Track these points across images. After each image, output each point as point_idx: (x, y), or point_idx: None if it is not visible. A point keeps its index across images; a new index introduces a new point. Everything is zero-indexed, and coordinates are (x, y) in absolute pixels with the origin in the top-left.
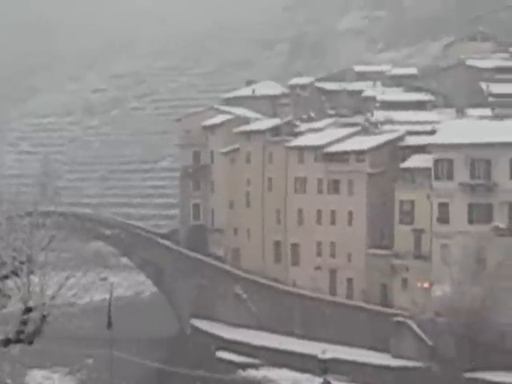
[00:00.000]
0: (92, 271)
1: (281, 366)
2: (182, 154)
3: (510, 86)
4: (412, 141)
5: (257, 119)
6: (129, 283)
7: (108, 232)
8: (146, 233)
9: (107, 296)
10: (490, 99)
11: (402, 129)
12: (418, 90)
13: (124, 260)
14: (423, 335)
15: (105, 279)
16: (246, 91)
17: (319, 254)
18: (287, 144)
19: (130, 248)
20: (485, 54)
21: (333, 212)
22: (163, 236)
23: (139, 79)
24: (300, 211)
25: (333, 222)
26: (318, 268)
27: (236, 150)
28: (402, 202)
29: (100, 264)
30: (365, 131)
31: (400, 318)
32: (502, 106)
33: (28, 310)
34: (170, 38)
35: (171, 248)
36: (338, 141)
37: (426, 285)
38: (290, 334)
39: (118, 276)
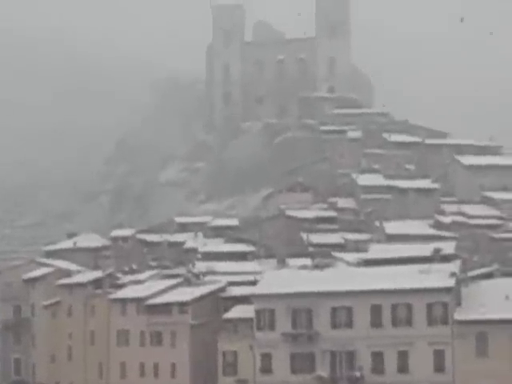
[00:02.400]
0: None
1: None
2: (2, 308)
3: (329, 235)
4: (234, 291)
5: (79, 272)
6: None
7: None
8: None
9: None
10: (310, 249)
11: (224, 279)
12: (240, 240)
13: None
14: None
15: None
16: (67, 243)
17: None
18: (109, 296)
19: None
20: (304, 204)
21: (156, 364)
22: None
23: None
24: (123, 364)
25: (156, 375)
26: None
27: (57, 303)
28: (224, 353)
29: None
30: (187, 282)
31: None
32: (322, 255)
33: None
34: None
35: None
36: (161, 292)
37: None
38: None
39: None
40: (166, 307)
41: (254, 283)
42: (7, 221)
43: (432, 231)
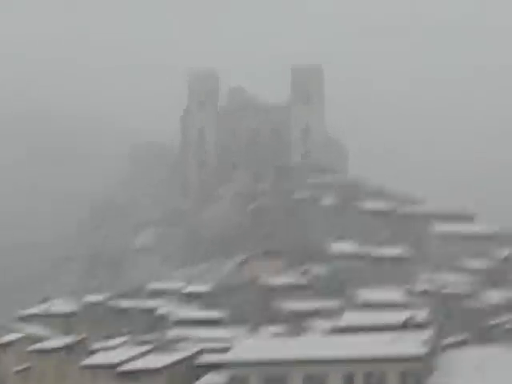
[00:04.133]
0: None
1: None
2: None
3: (302, 303)
4: (207, 358)
5: (50, 337)
6: None
7: None
8: None
9: None
10: (283, 316)
11: (197, 346)
12: (213, 306)
13: None
14: None
15: None
16: (40, 308)
17: None
18: (81, 363)
19: None
20: (277, 271)
21: None
22: None
23: None
24: None
25: None
26: None
27: (29, 369)
28: None
29: None
30: (159, 349)
31: None
32: (295, 322)
33: None
34: None
35: None
36: (133, 359)
37: None
38: None
39: None
40: (139, 374)
41: (226, 350)
42: None
43: (405, 299)
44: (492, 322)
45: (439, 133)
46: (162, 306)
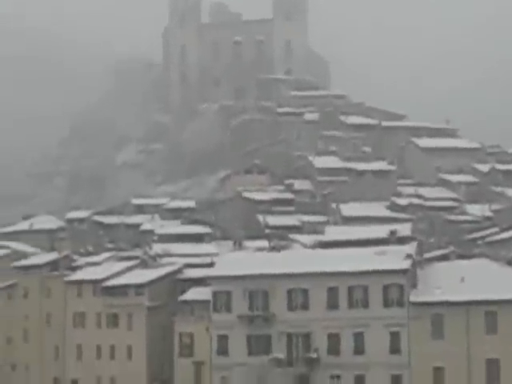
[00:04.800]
0: None
1: None
2: None
3: (286, 218)
4: (191, 273)
5: (34, 253)
6: None
7: None
8: None
9: None
10: (267, 231)
11: (181, 261)
12: (196, 222)
13: None
14: None
15: None
16: (23, 225)
17: None
18: (66, 278)
19: None
20: (261, 186)
21: (112, 346)
22: None
23: None
24: (79, 346)
25: (112, 357)
26: None
27: (13, 285)
28: (181, 335)
29: None
30: (143, 264)
31: None
32: (279, 237)
33: None
34: None
35: None
36: (117, 274)
37: None
38: None
39: None
40: (123, 289)
41: (210, 265)
42: None
43: (388, 213)
44: (474, 235)
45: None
46: (146, 222)
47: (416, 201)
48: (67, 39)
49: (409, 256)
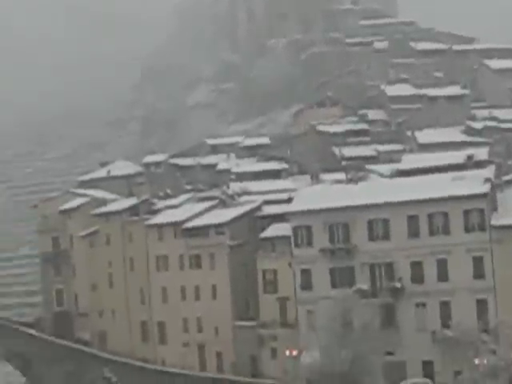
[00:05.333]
0: None
1: None
2: (41, 240)
3: (361, 148)
4: (270, 210)
5: (114, 200)
6: None
7: None
8: (10, 323)
9: None
10: (343, 163)
11: (259, 199)
12: (272, 159)
13: None
14: None
15: None
16: (101, 172)
17: (186, 330)
18: (146, 222)
19: None
20: (334, 118)
21: (196, 287)
22: (28, 325)
23: None
24: (164, 289)
25: (197, 298)
26: (186, 344)
27: (95, 233)
28: (264, 272)
29: None
30: (222, 204)
31: None
32: (355, 169)
33: None
34: (18, 124)
35: (36, 336)
36: (197, 215)
37: (294, 353)
38: None
39: None
40: (204, 230)
41: (288, 201)
42: (38, 153)
43: (464, 138)
44: None
45: None
46: (222, 162)
47: (491, 123)
48: None
49: (488, 180)
